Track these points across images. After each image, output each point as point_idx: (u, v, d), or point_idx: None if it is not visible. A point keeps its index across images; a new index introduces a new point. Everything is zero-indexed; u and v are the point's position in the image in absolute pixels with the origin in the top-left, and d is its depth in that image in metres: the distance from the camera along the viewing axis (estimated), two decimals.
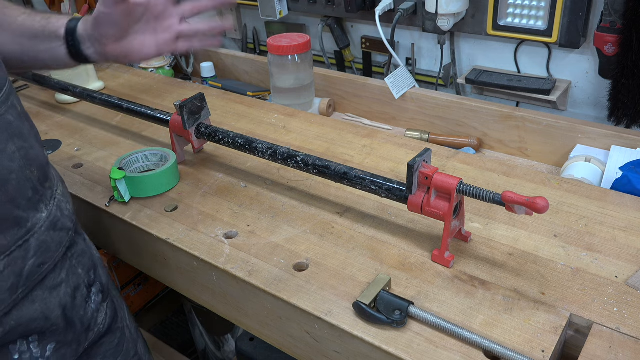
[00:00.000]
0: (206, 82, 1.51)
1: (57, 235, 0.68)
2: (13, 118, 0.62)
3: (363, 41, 1.44)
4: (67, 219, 0.71)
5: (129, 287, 1.32)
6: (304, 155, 0.84)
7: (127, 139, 1.12)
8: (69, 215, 0.72)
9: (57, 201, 0.70)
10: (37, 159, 0.66)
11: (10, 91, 0.63)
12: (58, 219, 0.68)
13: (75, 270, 0.72)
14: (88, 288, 0.74)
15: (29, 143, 0.65)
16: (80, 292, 0.72)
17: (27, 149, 0.64)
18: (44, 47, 0.82)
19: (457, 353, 0.61)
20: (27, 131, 0.65)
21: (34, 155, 0.65)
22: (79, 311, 0.72)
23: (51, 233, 0.67)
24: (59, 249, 0.68)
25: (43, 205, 0.66)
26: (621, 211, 0.81)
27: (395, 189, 0.76)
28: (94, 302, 0.75)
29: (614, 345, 0.61)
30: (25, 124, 0.65)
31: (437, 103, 1.20)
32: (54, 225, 0.67)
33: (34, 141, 0.67)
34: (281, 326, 0.74)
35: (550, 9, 1.11)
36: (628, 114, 1.05)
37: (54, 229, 0.67)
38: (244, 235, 0.82)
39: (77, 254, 0.73)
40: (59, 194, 0.71)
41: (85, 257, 0.75)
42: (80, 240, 0.76)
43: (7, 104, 0.62)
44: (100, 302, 0.76)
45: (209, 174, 0.98)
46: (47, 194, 0.68)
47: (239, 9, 1.68)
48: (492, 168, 0.94)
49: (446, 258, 0.73)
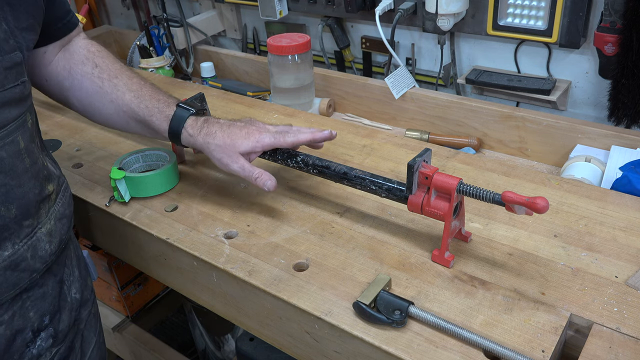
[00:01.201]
0: (206, 82, 1.51)
1: (15, 276, 0.65)
2: (7, 155, 0.61)
3: (363, 41, 1.44)
4: (37, 261, 0.68)
5: (129, 287, 1.32)
6: (304, 155, 0.84)
7: (127, 139, 1.12)
8: (43, 257, 0.69)
9: (33, 240, 0.67)
10: (23, 197, 0.64)
11: (16, 128, 0.63)
12: (24, 259, 0.66)
13: (25, 313, 0.68)
14: (35, 333, 0.70)
15: (18, 181, 0.63)
16: (23, 336, 0.68)
17: (12, 186, 0.63)
18: (148, 132, 0.87)
19: (457, 353, 0.61)
20: (23, 168, 0.64)
21: (20, 194, 0.64)
22: (13, 355, 0.68)
23: (7, 273, 0.64)
24: (12, 290, 0.65)
25: (9, 243, 0.64)
26: (621, 211, 0.81)
27: (395, 189, 0.75)
28: (37, 347, 0.70)
29: (614, 345, 0.61)
30: (23, 161, 0.64)
31: (437, 103, 1.20)
32: (15, 266, 0.64)
33: (28, 179, 0.65)
34: (281, 326, 0.74)
35: (550, 9, 1.11)
36: (628, 114, 1.05)
37: (14, 270, 0.64)
38: (244, 235, 0.82)
39: (36, 297, 0.69)
40: (42, 232, 0.69)
41: (46, 302, 0.71)
42: (48, 282, 0.72)
43: (5, 140, 0.61)
44: (47, 347, 0.72)
45: (209, 174, 0.98)
46: (21, 232, 0.65)
47: (239, 9, 1.68)
48: (492, 168, 0.94)
49: (446, 258, 0.73)
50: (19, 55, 0.63)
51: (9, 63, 0.61)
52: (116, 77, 0.85)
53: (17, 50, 0.63)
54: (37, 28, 0.69)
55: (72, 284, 0.78)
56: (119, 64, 0.88)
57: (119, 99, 0.85)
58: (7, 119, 0.62)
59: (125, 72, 0.87)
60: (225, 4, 1.66)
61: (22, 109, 0.65)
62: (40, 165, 0.69)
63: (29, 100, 0.68)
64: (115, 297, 1.34)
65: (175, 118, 0.83)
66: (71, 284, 0.77)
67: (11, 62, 0.62)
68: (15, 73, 0.62)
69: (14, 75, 0.62)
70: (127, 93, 0.85)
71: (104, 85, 0.85)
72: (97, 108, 0.87)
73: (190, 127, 0.83)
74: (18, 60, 0.63)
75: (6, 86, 0.61)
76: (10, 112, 0.62)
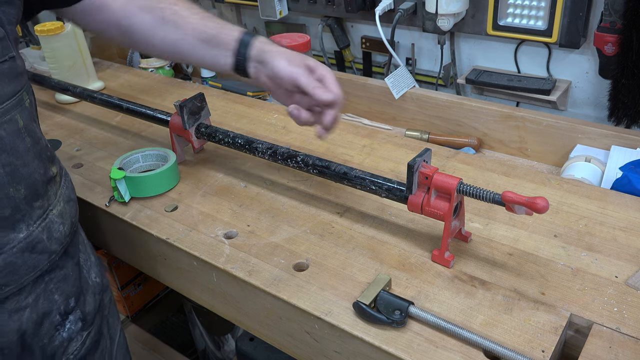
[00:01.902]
0: (206, 82, 1.51)
1: (33, 258, 0.65)
2: (6, 133, 0.61)
3: (363, 41, 1.44)
4: (54, 242, 0.68)
5: (129, 287, 1.32)
6: (304, 155, 0.84)
7: (127, 139, 1.12)
8: (58, 238, 0.69)
9: (47, 222, 0.67)
10: (29, 177, 0.64)
11: (13, 106, 0.62)
12: (40, 241, 0.66)
13: (49, 296, 0.68)
14: (63, 315, 0.71)
15: (22, 160, 0.63)
16: (50, 319, 0.69)
17: (17, 166, 0.62)
18: (212, 52, 0.83)
19: (457, 353, 0.61)
20: (25, 148, 0.64)
21: (25, 173, 0.64)
22: (43, 339, 0.68)
23: (25, 255, 0.64)
24: (32, 272, 0.65)
25: (24, 225, 0.64)
26: (621, 211, 0.81)
27: (395, 189, 0.75)
28: (67, 330, 0.71)
29: (614, 345, 0.61)
30: (24, 140, 0.64)
31: (437, 103, 1.20)
32: (32, 248, 0.65)
33: (31, 159, 0.65)
34: (281, 326, 0.74)
35: (550, 9, 1.11)
36: (628, 114, 1.05)
37: (31, 251, 0.65)
38: (244, 235, 0.82)
39: (58, 279, 0.70)
40: (54, 214, 0.69)
41: (68, 284, 0.72)
42: (67, 264, 0.72)
43: (3, 118, 0.61)
44: (77, 330, 0.73)
45: (209, 174, 0.99)
46: (33, 213, 0.65)
47: (239, 9, 1.68)
48: (492, 168, 0.94)
49: (446, 258, 0.73)
50: (1, 31, 0.61)
51: None
52: (175, 4, 0.85)
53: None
54: (17, 1, 0.67)
55: (90, 268, 0.79)
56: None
57: (186, 23, 0.84)
58: (1, 96, 0.61)
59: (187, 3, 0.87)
60: (225, 4, 1.66)
61: (17, 86, 0.63)
62: (43, 146, 0.69)
63: (24, 79, 0.66)
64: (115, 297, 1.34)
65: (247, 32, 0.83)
66: (90, 268, 0.78)
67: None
68: (0, 48, 0.61)
69: (0, 51, 0.61)
70: (192, 16, 0.84)
71: (165, 14, 0.84)
72: (161, 37, 0.85)
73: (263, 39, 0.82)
74: (1, 35, 0.61)
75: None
76: (2, 89, 0.61)
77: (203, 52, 0.84)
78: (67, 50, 1.29)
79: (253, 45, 0.81)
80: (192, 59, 0.87)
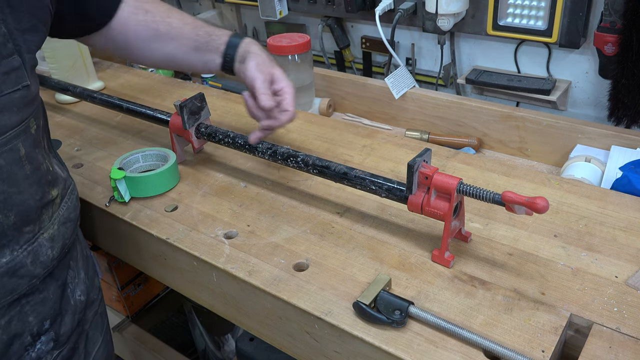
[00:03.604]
0: (206, 82, 1.51)
1: (12, 282, 0.64)
2: (5, 162, 0.61)
3: (363, 41, 1.44)
4: (38, 266, 0.67)
5: (129, 287, 1.32)
6: (304, 155, 0.84)
7: (127, 139, 1.12)
8: (44, 262, 0.68)
9: (35, 246, 0.67)
10: (22, 203, 0.64)
11: (17, 135, 0.62)
12: (22, 265, 0.65)
13: (23, 318, 0.67)
14: (35, 337, 0.69)
15: (17, 188, 0.63)
16: (21, 340, 0.68)
17: (11, 194, 0.62)
18: (204, 58, 0.92)
19: (457, 353, 0.61)
20: (22, 176, 0.64)
21: (18, 201, 0.63)
22: (10, 358, 0.67)
23: (4, 279, 0.63)
24: (9, 295, 0.64)
25: (7, 250, 0.63)
26: (621, 211, 0.81)
27: (395, 189, 0.75)
28: (37, 350, 0.70)
29: (614, 345, 0.61)
30: (22, 169, 0.63)
31: (437, 103, 1.20)
32: (13, 272, 0.64)
33: (28, 185, 0.65)
34: (281, 326, 0.74)
35: (550, 9, 1.11)
36: (628, 114, 1.05)
37: (11, 276, 0.64)
38: (244, 235, 0.82)
39: (35, 301, 0.69)
40: (44, 237, 0.68)
41: (46, 307, 0.70)
42: (49, 287, 0.71)
43: (3, 148, 0.60)
44: (48, 350, 0.71)
45: (209, 174, 0.99)
46: (21, 238, 0.65)
47: (239, 9, 1.68)
48: (492, 168, 0.94)
49: (446, 258, 0.73)
50: (18, 60, 0.62)
51: (6, 68, 0.60)
52: (168, 16, 0.91)
53: (15, 54, 0.61)
54: (42, 28, 0.68)
55: (76, 286, 0.77)
56: (167, 5, 0.93)
57: (179, 34, 0.90)
58: (6, 126, 0.60)
59: (174, 10, 0.93)
60: (225, 4, 1.66)
61: (25, 114, 0.63)
62: (44, 171, 0.68)
63: (34, 105, 0.66)
64: (115, 297, 1.34)
65: (234, 35, 0.91)
66: (75, 287, 0.77)
67: (9, 66, 0.60)
68: (14, 77, 0.61)
69: (14, 80, 0.61)
70: (185, 27, 0.91)
71: (159, 27, 0.90)
72: (157, 49, 0.91)
73: (249, 40, 0.91)
74: (17, 64, 0.61)
75: (4, 91, 0.60)
76: (9, 118, 0.61)
77: (195, 59, 0.92)
78: (67, 50, 1.29)
79: (239, 46, 0.90)
80: (184, 66, 0.96)
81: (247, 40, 0.91)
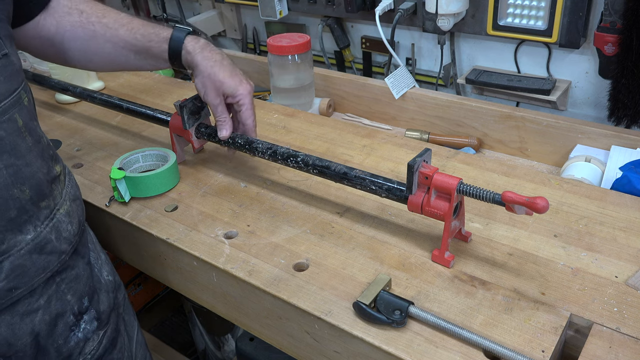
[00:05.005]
0: None
1: (42, 259, 0.64)
2: (6, 133, 0.60)
3: (363, 41, 1.44)
4: (63, 242, 0.67)
5: (129, 287, 1.33)
6: (304, 155, 0.84)
7: (127, 139, 1.12)
8: (67, 237, 0.68)
9: (55, 222, 0.67)
10: (33, 177, 0.63)
11: (11, 105, 0.61)
12: (48, 241, 0.65)
13: (62, 297, 0.68)
14: (77, 316, 0.70)
15: (25, 160, 0.62)
16: (64, 319, 0.68)
17: (20, 166, 0.61)
18: (148, 62, 0.90)
19: (457, 353, 0.61)
20: (26, 147, 0.63)
21: (29, 173, 0.63)
22: (58, 340, 0.67)
23: (33, 257, 0.63)
24: (42, 274, 0.65)
25: (31, 226, 0.63)
26: (621, 211, 0.81)
27: (395, 189, 0.75)
28: (82, 330, 0.70)
29: (614, 345, 0.61)
30: (24, 140, 0.63)
31: (437, 103, 1.20)
32: (41, 249, 0.64)
33: (34, 158, 0.64)
34: (281, 326, 0.74)
35: (550, 9, 1.11)
36: (628, 114, 1.05)
37: (40, 253, 0.64)
38: (244, 235, 0.82)
39: (69, 279, 0.69)
40: (61, 213, 0.68)
41: (80, 283, 0.71)
42: (78, 264, 0.72)
43: (2, 117, 0.60)
44: (93, 330, 0.72)
45: (209, 174, 0.99)
46: (40, 214, 0.65)
47: (239, 9, 1.68)
48: (492, 168, 0.94)
49: (446, 258, 0.73)
50: None
51: None
52: (104, 17, 0.87)
53: None
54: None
55: (101, 267, 0.78)
56: (102, 5, 0.90)
57: (114, 36, 0.87)
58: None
59: (111, 10, 0.89)
60: (225, 4, 1.66)
61: (14, 84, 0.63)
62: (45, 145, 0.68)
63: (21, 77, 0.65)
64: None
65: (174, 38, 0.86)
66: (101, 267, 0.78)
67: None
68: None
69: None
70: (120, 28, 0.87)
71: (96, 28, 0.86)
72: (94, 52, 0.88)
73: (190, 45, 0.87)
74: None
75: None
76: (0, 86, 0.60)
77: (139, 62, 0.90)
78: None
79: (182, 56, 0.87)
80: (131, 69, 0.93)
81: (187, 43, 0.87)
